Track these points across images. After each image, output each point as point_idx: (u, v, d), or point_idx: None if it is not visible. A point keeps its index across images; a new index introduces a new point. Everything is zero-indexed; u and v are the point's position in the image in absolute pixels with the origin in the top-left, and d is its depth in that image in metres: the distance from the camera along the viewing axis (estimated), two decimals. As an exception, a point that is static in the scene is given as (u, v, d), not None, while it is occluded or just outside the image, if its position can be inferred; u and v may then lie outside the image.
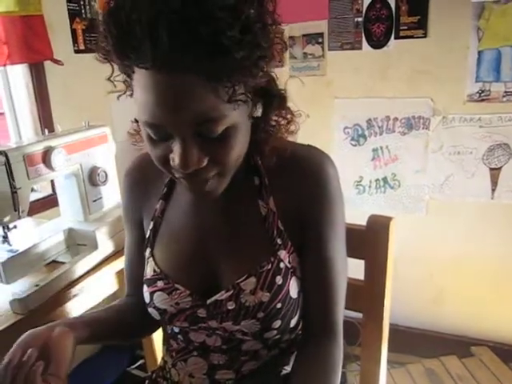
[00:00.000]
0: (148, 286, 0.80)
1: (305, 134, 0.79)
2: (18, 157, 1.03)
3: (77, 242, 1.23)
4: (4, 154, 0.99)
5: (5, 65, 1.72)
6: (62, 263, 1.19)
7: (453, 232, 1.95)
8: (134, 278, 0.90)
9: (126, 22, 0.53)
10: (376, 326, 0.97)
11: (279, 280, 0.73)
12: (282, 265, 0.74)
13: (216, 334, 0.79)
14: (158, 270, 0.79)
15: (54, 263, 1.20)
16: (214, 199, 0.70)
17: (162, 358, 0.92)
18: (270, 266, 0.73)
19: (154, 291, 0.78)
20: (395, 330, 1.11)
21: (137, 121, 0.71)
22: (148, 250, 0.82)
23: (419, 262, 2.01)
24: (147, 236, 0.83)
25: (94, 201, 1.26)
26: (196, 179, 0.65)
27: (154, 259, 0.81)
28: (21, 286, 1.07)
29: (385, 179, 2.00)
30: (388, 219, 0.96)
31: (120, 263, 1.23)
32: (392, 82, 1.89)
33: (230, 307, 0.74)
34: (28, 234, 1.18)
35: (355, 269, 0.92)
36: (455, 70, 1.77)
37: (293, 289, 0.75)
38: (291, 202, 0.75)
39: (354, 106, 1.96)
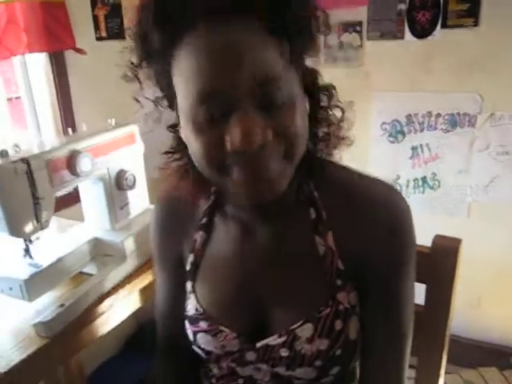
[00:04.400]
0: (190, 325, 0.71)
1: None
2: (41, 163, 0.93)
3: (103, 253, 1.13)
4: (26, 161, 0.89)
5: (23, 53, 1.63)
6: (88, 275, 1.10)
7: (496, 237, 1.82)
8: (168, 322, 0.80)
9: None
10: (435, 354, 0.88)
11: (339, 325, 0.64)
12: (341, 307, 0.64)
13: (265, 371, 0.70)
14: (200, 310, 0.70)
15: (79, 275, 1.11)
16: (273, 198, 0.55)
17: (197, 379, 0.83)
18: (328, 311, 0.64)
19: (197, 331, 0.70)
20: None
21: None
22: (190, 284, 0.73)
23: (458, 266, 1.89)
24: (188, 269, 0.74)
25: (121, 207, 1.16)
26: (258, 165, 0.52)
27: (195, 296, 0.71)
28: (44, 303, 0.99)
29: (424, 179, 1.86)
30: (457, 242, 0.85)
31: (149, 275, 1.15)
32: (436, 74, 1.73)
33: (283, 354, 0.65)
34: (51, 244, 1.08)
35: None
36: (507, 62, 1.62)
37: (352, 329, 0.65)
38: (356, 241, 0.64)
39: (392, 100, 1.82)
